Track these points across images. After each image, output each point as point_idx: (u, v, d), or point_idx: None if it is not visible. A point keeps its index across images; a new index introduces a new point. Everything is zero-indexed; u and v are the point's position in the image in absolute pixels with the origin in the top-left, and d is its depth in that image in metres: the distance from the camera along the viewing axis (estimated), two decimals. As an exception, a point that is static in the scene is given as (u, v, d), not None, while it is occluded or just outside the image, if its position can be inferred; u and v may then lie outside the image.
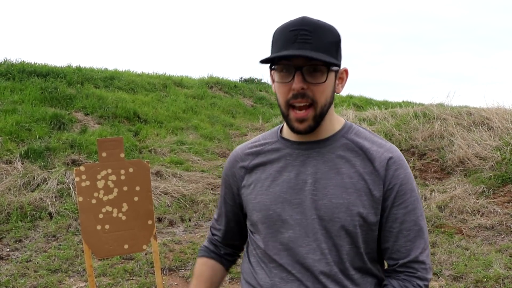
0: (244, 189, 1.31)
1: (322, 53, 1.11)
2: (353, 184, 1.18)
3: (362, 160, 1.20)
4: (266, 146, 1.31)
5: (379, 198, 1.18)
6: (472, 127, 8.09)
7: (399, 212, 1.19)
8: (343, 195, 1.17)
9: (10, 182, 5.84)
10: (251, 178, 1.30)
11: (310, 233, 1.19)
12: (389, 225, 1.20)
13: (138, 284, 3.88)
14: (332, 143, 1.23)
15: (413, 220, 1.20)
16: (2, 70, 9.52)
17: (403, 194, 1.19)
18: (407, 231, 1.20)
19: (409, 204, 1.20)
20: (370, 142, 1.23)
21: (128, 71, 12.74)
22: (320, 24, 1.14)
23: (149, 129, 8.91)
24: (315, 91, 1.15)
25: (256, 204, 1.27)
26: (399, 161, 1.21)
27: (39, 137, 7.18)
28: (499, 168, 6.57)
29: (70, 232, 5.01)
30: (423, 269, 1.20)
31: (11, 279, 3.92)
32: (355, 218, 1.17)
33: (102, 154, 2.75)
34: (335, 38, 1.16)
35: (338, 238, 1.18)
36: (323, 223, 1.18)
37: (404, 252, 1.20)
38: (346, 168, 1.20)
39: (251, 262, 1.32)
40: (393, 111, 9.75)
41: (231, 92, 13.55)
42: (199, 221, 5.67)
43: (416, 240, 1.20)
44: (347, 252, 1.19)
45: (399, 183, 1.19)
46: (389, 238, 1.21)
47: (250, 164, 1.31)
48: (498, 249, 4.66)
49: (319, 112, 1.17)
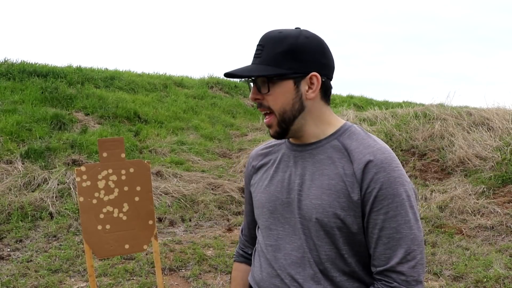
0: (252, 188, 1.41)
1: (265, 66, 1.19)
2: (333, 185, 1.19)
3: (346, 162, 1.20)
4: (275, 147, 1.39)
5: (357, 201, 1.16)
6: (473, 128, 8.09)
7: (379, 218, 1.15)
8: (322, 196, 1.19)
9: (11, 182, 5.85)
10: (256, 177, 1.39)
11: (296, 232, 1.25)
12: (370, 231, 1.18)
13: (138, 284, 3.89)
14: (324, 145, 1.25)
15: (393, 227, 1.14)
16: (2, 70, 9.53)
17: (383, 199, 1.14)
18: (386, 238, 1.15)
19: (390, 210, 1.14)
20: (357, 143, 1.21)
21: (129, 71, 12.74)
22: (275, 36, 1.20)
23: (149, 129, 8.92)
24: (268, 100, 1.23)
25: (256, 202, 1.37)
26: (381, 164, 1.15)
27: (39, 137, 7.19)
28: (499, 168, 6.57)
29: (70, 232, 5.02)
30: (402, 281, 1.13)
31: (12, 279, 3.92)
32: (331, 219, 1.18)
33: (103, 154, 2.75)
34: (289, 47, 1.19)
35: (317, 238, 1.21)
36: (304, 223, 1.22)
37: (383, 260, 1.16)
38: (330, 170, 1.21)
39: (254, 255, 1.42)
40: (393, 111, 9.75)
41: (231, 92, 13.55)
42: (199, 221, 5.67)
43: (397, 249, 1.14)
44: (327, 253, 1.21)
45: (378, 188, 1.14)
46: (370, 244, 1.19)
47: (258, 164, 1.40)
48: (498, 249, 4.66)
49: (281, 119, 1.23)
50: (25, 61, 10.57)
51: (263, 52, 1.20)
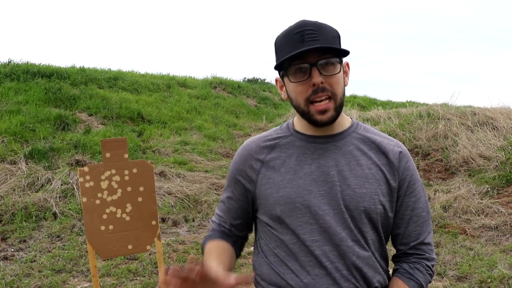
0: (261, 183, 1.30)
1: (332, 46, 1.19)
2: (372, 174, 1.26)
3: (376, 153, 1.29)
4: (281, 140, 1.33)
5: (395, 187, 1.28)
6: (477, 127, 8.05)
7: (411, 200, 1.31)
8: (365, 185, 1.25)
9: (15, 182, 5.86)
10: (269, 172, 1.30)
11: (339, 222, 1.24)
12: (401, 213, 1.31)
13: (142, 284, 3.89)
14: (346, 137, 1.30)
15: (421, 207, 1.32)
16: (6, 71, 9.55)
17: (413, 184, 1.31)
18: (416, 217, 1.31)
19: (418, 193, 1.32)
20: (380, 137, 1.33)
21: (132, 72, 12.76)
22: (320, 23, 1.21)
23: (152, 130, 8.92)
24: (332, 83, 1.20)
25: (279, 198, 1.26)
26: (407, 154, 1.33)
27: (43, 138, 7.21)
28: (503, 168, 6.54)
29: (74, 233, 5.03)
30: (430, 250, 1.32)
31: (16, 279, 3.93)
32: (377, 206, 1.25)
33: (106, 155, 2.75)
34: (336, 33, 1.24)
35: (363, 225, 1.25)
36: (349, 212, 1.24)
37: (414, 236, 1.31)
38: (364, 160, 1.27)
39: (271, 263, 1.30)
40: (397, 111, 9.73)
41: (234, 92, 13.55)
42: (202, 221, 5.67)
43: (424, 225, 1.32)
44: (371, 238, 1.27)
45: (410, 174, 1.30)
46: (401, 224, 1.32)
47: (267, 157, 1.31)
48: (503, 249, 4.64)
49: (339, 102, 1.23)
50: (29, 62, 10.60)
51: (319, 35, 1.17)
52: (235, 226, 1.41)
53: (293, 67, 1.19)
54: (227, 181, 1.41)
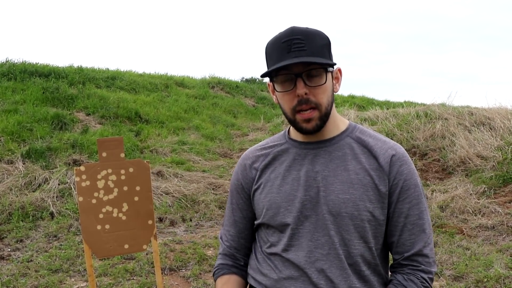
0: (256, 190, 1.35)
1: (317, 57, 1.17)
2: (359, 180, 1.23)
3: (368, 157, 1.26)
4: (275, 148, 1.36)
5: (385, 193, 1.23)
6: (474, 127, 8.07)
7: (404, 206, 1.24)
8: (349, 191, 1.22)
9: (12, 182, 5.85)
10: (262, 179, 1.34)
11: (319, 228, 1.23)
12: (395, 220, 1.25)
13: (138, 284, 3.89)
14: (338, 142, 1.28)
15: (416, 214, 1.25)
16: (4, 70, 9.54)
17: (407, 189, 1.24)
18: (411, 225, 1.24)
19: (413, 199, 1.25)
20: (374, 140, 1.29)
21: (130, 71, 12.75)
22: (309, 31, 1.20)
23: (150, 129, 8.92)
24: (317, 94, 1.20)
25: (267, 203, 1.31)
26: (402, 157, 1.26)
27: (40, 137, 7.19)
28: (500, 168, 6.55)
29: (71, 232, 5.02)
30: (427, 262, 1.24)
31: (12, 279, 3.93)
32: (362, 212, 1.21)
33: (102, 154, 2.75)
34: (325, 41, 1.22)
35: (346, 232, 1.22)
36: (332, 218, 1.22)
37: (408, 245, 1.24)
38: (353, 165, 1.25)
39: (257, 259, 1.36)
40: (394, 111, 9.74)
41: (232, 92, 13.55)
42: (200, 221, 5.67)
43: (420, 234, 1.24)
44: (356, 247, 1.23)
45: (403, 179, 1.24)
46: (395, 232, 1.26)
47: (261, 165, 1.35)
48: (499, 249, 4.65)
49: (324, 112, 1.22)
50: (26, 61, 10.58)
51: (307, 45, 1.17)
52: (243, 245, 1.44)
53: (280, 76, 1.21)
54: (230, 192, 1.45)
